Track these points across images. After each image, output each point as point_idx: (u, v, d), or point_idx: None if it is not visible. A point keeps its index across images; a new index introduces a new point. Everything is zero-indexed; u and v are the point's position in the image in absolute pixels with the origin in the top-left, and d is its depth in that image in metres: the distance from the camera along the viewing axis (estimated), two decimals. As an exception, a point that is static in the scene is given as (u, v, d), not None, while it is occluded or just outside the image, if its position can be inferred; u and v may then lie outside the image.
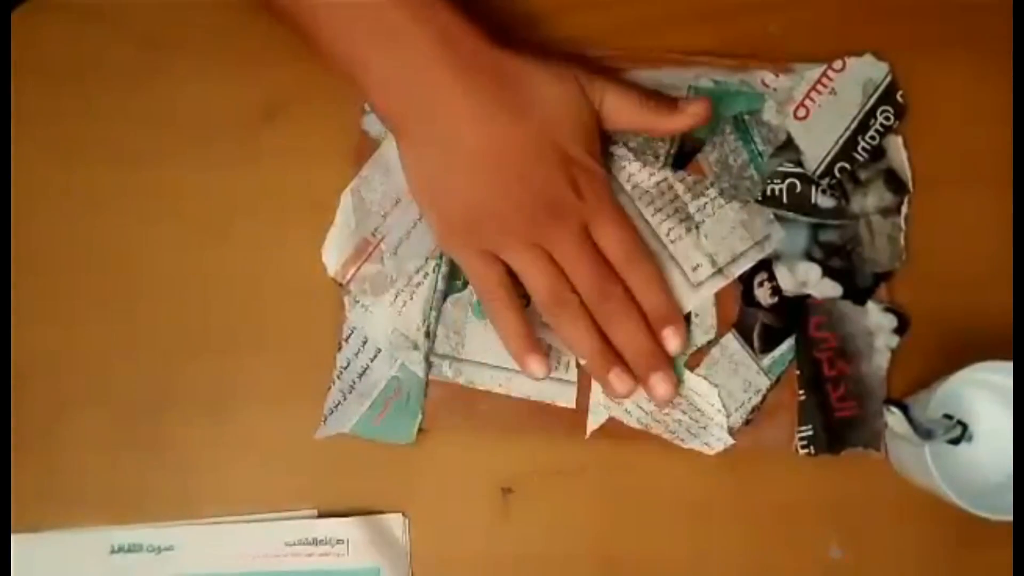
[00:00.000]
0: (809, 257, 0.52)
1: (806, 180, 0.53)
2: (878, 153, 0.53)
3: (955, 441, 0.47)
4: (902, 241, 0.52)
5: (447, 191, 0.48)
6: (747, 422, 0.51)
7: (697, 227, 0.52)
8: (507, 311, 0.48)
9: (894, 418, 0.46)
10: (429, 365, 0.51)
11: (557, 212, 0.47)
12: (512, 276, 0.49)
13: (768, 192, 0.53)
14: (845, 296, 0.52)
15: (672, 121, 0.50)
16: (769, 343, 0.52)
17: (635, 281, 0.49)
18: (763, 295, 0.52)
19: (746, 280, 0.52)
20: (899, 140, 0.53)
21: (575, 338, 0.49)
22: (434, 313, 0.52)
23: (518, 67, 0.47)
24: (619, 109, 0.49)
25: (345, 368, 0.51)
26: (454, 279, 0.52)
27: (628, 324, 0.48)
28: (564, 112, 0.48)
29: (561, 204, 0.47)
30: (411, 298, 0.52)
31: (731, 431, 0.51)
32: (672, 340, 0.49)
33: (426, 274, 0.52)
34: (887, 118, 0.53)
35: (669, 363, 0.49)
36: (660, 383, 0.49)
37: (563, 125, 0.48)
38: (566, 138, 0.48)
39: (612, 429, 0.51)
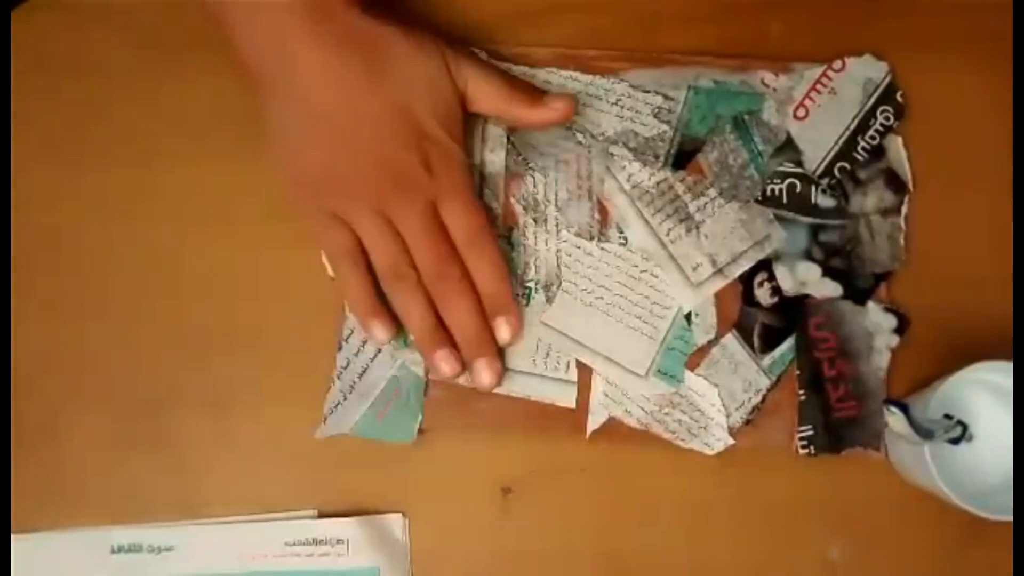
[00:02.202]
0: (809, 257, 0.52)
1: (806, 180, 0.53)
2: (878, 153, 0.53)
3: (955, 441, 0.47)
4: (902, 241, 0.52)
5: (299, 151, 0.48)
6: (747, 422, 0.51)
7: (697, 227, 0.52)
8: (351, 276, 0.49)
9: (894, 418, 0.46)
10: (429, 365, 0.51)
11: (404, 186, 0.47)
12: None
13: (768, 192, 0.53)
14: (845, 296, 0.52)
15: (533, 114, 0.50)
16: (769, 343, 0.52)
17: (474, 265, 0.48)
18: (763, 295, 0.52)
19: (746, 280, 0.52)
20: (899, 140, 0.53)
21: (407, 312, 0.48)
22: (434, 313, 0.52)
23: (385, 39, 0.47)
24: (481, 94, 0.49)
25: (345, 368, 0.51)
26: (454, 279, 0.52)
27: (461, 307, 0.48)
28: (425, 89, 0.47)
29: (409, 178, 0.47)
30: (411, 298, 0.52)
31: (731, 431, 0.51)
32: (503, 329, 0.49)
33: (426, 274, 0.52)
34: (887, 118, 0.53)
35: (495, 351, 0.49)
36: (484, 370, 0.49)
37: (422, 102, 0.47)
38: (424, 115, 0.47)
39: (612, 429, 0.51)
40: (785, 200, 0.53)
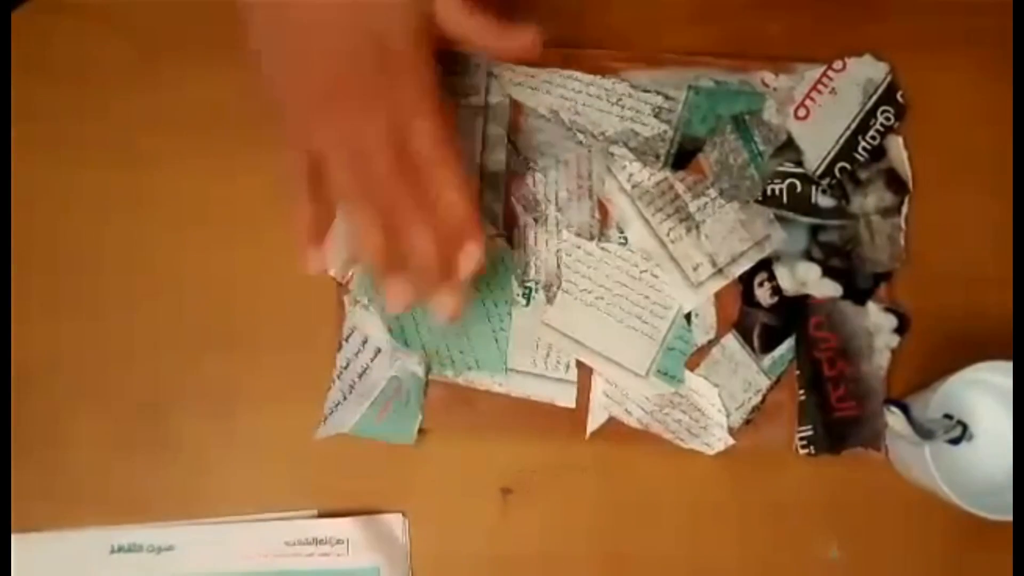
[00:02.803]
0: (809, 257, 0.52)
1: (806, 180, 0.53)
2: (878, 153, 0.53)
3: (955, 441, 0.47)
4: (902, 241, 0.52)
5: (271, 65, 0.47)
6: (747, 422, 0.51)
7: (697, 227, 0.52)
8: (301, 198, 0.47)
9: (894, 418, 0.46)
10: (429, 365, 0.51)
11: (367, 100, 0.46)
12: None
13: (768, 192, 0.53)
14: (845, 296, 0.52)
15: (498, 41, 0.48)
16: (769, 343, 0.52)
17: (440, 182, 0.46)
18: (763, 295, 0.52)
19: (746, 280, 0.52)
20: (899, 140, 0.53)
21: (364, 232, 0.45)
22: (434, 313, 0.51)
23: None
24: (449, 13, 0.47)
25: (345, 368, 0.51)
26: (454, 279, 0.52)
27: (422, 230, 0.45)
28: (397, 12, 0.46)
29: (373, 93, 0.46)
30: (411, 298, 0.52)
31: (731, 431, 0.51)
32: (466, 256, 0.45)
33: (426, 274, 0.52)
34: (887, 118, 0.53)
35: (458, 279, 0.45)
36: (446, 298, 0.45)
37: (390, 17, 0.46)
38: (394, 35, 0.46)
39: (612, 429, 0.51)
40: (785, 200, 0.53)
